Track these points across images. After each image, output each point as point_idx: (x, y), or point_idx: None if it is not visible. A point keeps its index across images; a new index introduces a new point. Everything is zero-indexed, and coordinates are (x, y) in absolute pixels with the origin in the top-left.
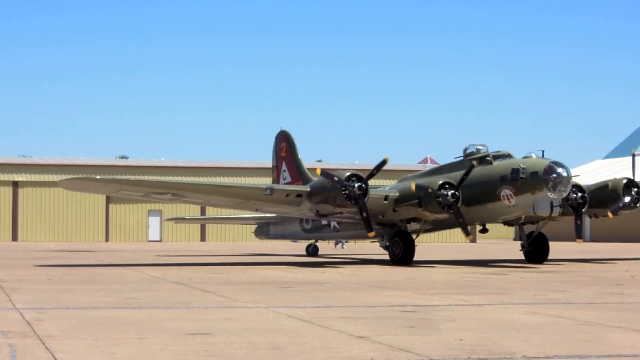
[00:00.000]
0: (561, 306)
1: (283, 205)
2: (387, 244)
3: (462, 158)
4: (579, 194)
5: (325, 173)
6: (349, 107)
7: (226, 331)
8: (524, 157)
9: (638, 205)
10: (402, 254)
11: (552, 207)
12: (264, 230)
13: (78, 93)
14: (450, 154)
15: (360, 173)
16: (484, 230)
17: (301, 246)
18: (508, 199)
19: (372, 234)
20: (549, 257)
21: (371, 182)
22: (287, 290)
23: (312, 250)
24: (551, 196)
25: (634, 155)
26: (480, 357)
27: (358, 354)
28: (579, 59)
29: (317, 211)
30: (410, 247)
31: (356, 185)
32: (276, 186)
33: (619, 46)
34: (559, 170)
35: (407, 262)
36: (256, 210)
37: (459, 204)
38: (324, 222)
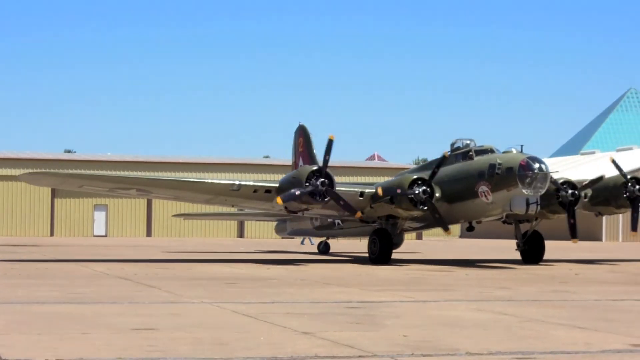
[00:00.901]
0: (505, 303)
1: (254, 201)
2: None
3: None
4: (570, 191)
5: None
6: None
7: (171, 326)
8: (504, 152)
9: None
10: (379, 252)
11: (527, 204)
12: (282, 227)
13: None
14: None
15: (333, 177)
16: (471, 229)
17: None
18: (485, 195)
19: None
20: (546, 256)
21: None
22: (233, 286)
23: (324, 248)
24: (526, 193)
25: (613, 161)
26: (424, 353)
27: (302, 350)
28: (525, 64)
29: (285, 207)
30: (387, 246)
31: (319, 181)
32: (243, 182)
33: (569, 49)
34: (536, 166)
35: (385, 261)
36: (232, 206)
37: (437, 201)
38: (330, 219)
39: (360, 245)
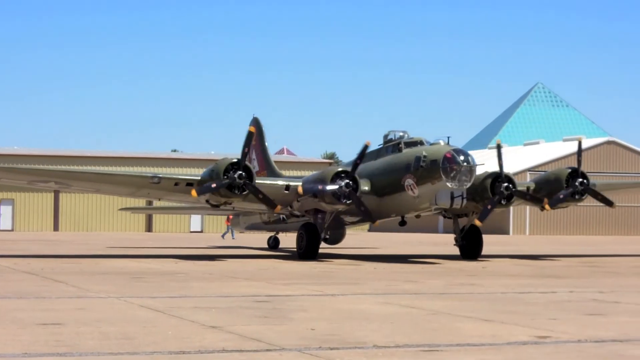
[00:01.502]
0: (412, 296)
1: (178, 194)
2: (326, 236)
3: (381, 145)
4: (505, 184)
5: None
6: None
7: (77, 321)
8: (432, 144)
9: (584, 197)
10: (306, 247)
11: (452, 198)
12: (235, 221)
13: None
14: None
15: (252, 170)
16: (403, 223)
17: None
18: (411, 189)
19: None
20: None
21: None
22: (140, 281)
23: (273, 243)
24: (451, 186)
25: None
26: (332, 346)
27: (210, 344)
28: (430, 55)
29: (207, 201)
30: (314, 241)
31: (237, 174)
32: (163, 175)
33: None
34: (460, 158)
35: (312, 256)
36: (159, 199)
37: (367, 194)
38: (259, 212)
39: None
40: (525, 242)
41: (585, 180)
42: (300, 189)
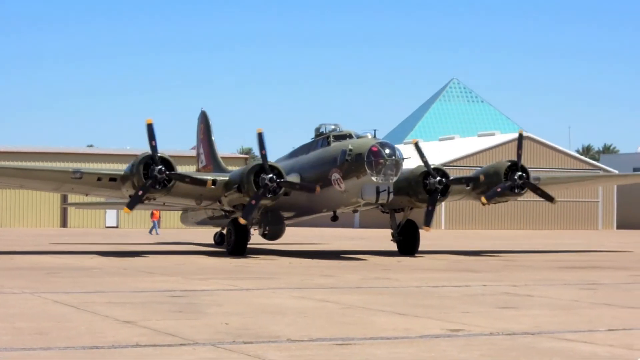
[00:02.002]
0: (327, 290)
1: (104, 189)
2: (265, 232)
3: (313, 138)
4: (437, 179)
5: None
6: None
7: None
8: (359, 137)
9: (523, 192)
10: (234, 243)
11: (377, 193)
12: (184, 216)
13: None
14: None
15: (171, 160)
16: (334, 218)
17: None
18: (338, 183)
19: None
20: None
21: None
22: (55, 276)
23: (219, 239)
24: (376, 180)
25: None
26: (246, 340)
27: (123, 339)
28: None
29: (130, 196)
30: (242, 237)
31: (158, 168)
32: (85, 170)
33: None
34: (385, 152)
35: (241, 252)
36: (87, 194)
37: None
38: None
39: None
40: (439, 237)
41: (524, 174)
42: (209, 183)
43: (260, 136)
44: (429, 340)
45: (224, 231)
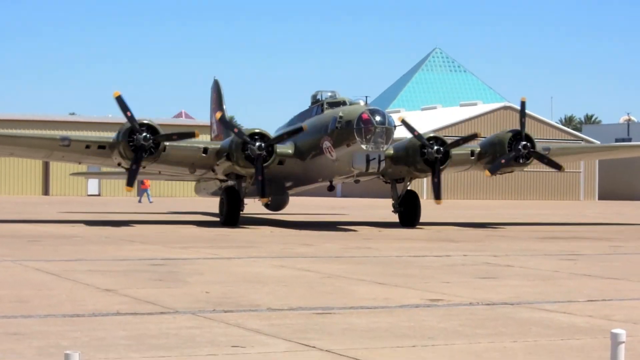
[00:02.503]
0: (308, 260)
1: (94, 157)
2: (268, 202)
3: (310, 106)
4: (435, 148)
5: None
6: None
7: None
8: (351, 104)
9: (529, 162)
10: (227, 213)
11: (368, 161)
12: (198, 187)
13: None
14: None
15: (154, 124)
16: (331, 188)
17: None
18: (329, 152)
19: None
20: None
21: None
22: (36, 244)
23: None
24: (365, 148)
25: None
26: (226, 309)
27: (104, 307)
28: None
29: (118, 164)
30: (235, 206)
31: (143, 136)
32: (73, 136)
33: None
34: (376, 119)
35: (233, 223)
36: (79, 163)
37: (291, 157)
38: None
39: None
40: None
41: (529, 144)
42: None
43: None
44: (408, 310)
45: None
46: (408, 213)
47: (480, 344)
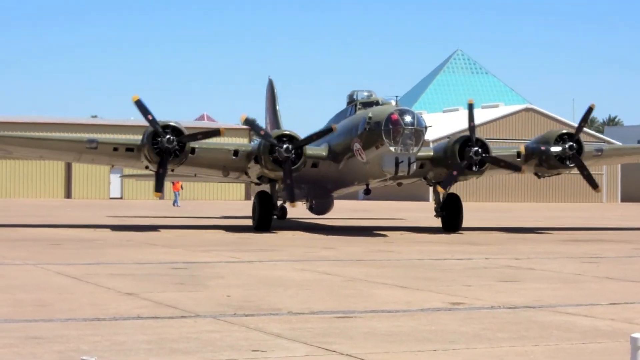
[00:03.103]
0: (330, 263)
1: (124, 159)
2: (312, 205)
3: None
4: (474, 149)
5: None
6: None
7: None
8: (383, 104)
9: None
10: (258, 218)
11: (396, 163)
12: (254, 189)
13: None
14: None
15: (178, 125)
16: (367, 192)
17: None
18: (360, 154)
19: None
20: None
21: None
22: (58, 248)
23: (279, 212)
24: (394, 150)
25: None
26: (247, 313)
27: (125, 311)
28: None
29: (146, 167)
30: (267, 211)
31: (167, 138)
32: (101, 139)
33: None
34: (405, 119)
35: (265, 228)
36: (112, 166)
37: (325, 160)
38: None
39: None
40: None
41: (479, 149)
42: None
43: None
44: (430, 314)
45: (285, 204)
46: (450, 217)
47: (502, 347)
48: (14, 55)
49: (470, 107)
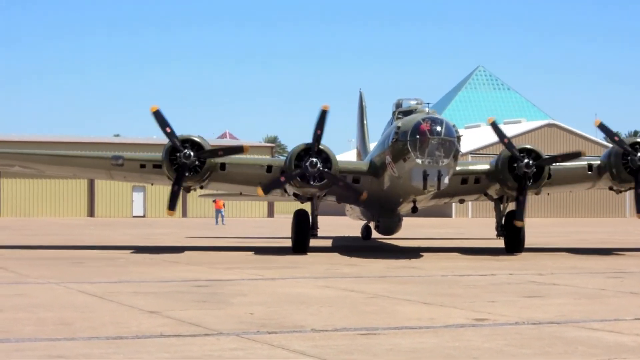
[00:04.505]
0: (352, 280)
1: (154, 175)
2: (377, 223)
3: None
4: (525, 162)
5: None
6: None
7: (15, 307)
8: (417, 112)
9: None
10: (295, 239)
11: (424, 178)
12: (347, 210)
13: None
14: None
15: (199, 140)
16: (414, 210)
17: None
18: (391, 168)
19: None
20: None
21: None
22: (80, 266)
23: (364, 232)
24: (422, 163)
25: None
26: (270, 330)
27: (147, 329)
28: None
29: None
30: (303, 231)
31: (183, 153)
32: (127, 155)
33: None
34: (431, 129)
35: (302, 250)
36: (152, 184)
37: (365, 175)
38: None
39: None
40: (467, 225)
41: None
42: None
43: (323, 113)
44: (453, 330)
45: (370, 224)
46: (510, 237)
47: None
48: (35, 72)
49: (495, 125)
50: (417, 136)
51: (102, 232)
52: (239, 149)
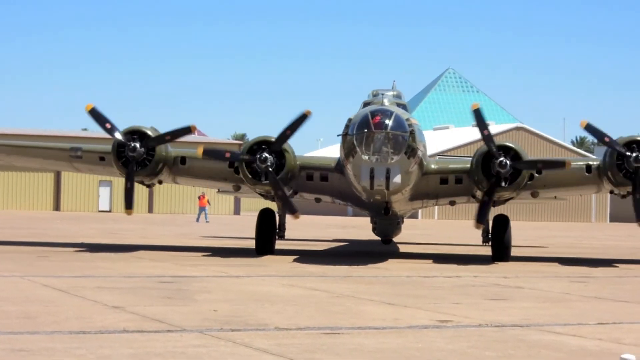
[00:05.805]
0: (317, 279)
1: (113, 169)
2: (374, 226)
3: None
4: (499, 160)
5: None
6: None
7: None
8: (373, 104)
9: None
10: (258, 240)
11: (372, 176)
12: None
13: None
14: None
15: (144, 129)
16: (386, 211)
17: None
18: (346, 165)
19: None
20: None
21: None
22: (45, 260)
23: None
24: (368, 160)
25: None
26: (233, 328)
27: (111, 324)
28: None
29: (159, 182)
30: (268, 231)
31: (131, 145)
32: (85, 147)
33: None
34: (376, 121)
35: (267, 250)
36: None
37: (332, 172)
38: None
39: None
40: (434, 226)
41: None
42: (200, 150)
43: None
44: (417, 331)
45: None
46: (495, 244)
47: None
48: (3, 66)
49: (478, 112)
50: (364, 129)
51: (68, 226)
52: (186, 130)
